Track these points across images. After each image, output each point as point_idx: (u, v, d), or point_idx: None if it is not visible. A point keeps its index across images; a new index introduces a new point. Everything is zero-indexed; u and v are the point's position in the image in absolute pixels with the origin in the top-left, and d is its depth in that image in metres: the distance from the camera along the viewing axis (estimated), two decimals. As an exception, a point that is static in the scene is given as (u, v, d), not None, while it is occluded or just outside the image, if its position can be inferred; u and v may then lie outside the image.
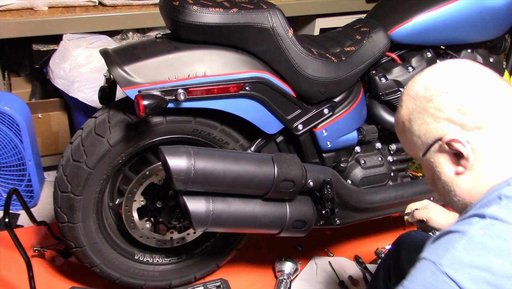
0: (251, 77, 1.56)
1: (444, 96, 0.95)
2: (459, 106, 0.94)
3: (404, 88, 1.06)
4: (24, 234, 2.07)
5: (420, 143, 1.01)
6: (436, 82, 0.98)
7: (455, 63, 1.00)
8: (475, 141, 0.94)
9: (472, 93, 0.94)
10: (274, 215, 1.62)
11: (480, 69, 0.98)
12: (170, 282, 1.85)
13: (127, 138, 1.56)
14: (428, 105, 0.98)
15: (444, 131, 0.96)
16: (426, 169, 1.05)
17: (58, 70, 2.17)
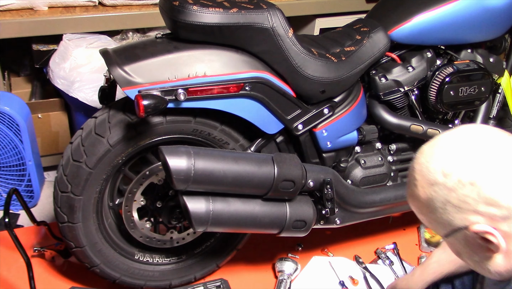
0: (251, 77, 1.56)
1: (468, 187, 0.87)
2: (487, 198, 0.86)
3: (415, 165, 0.95)
4: (24, 234, 2.07)
5: (442, 227, 0.94)
6: (457, 169, 0.88)
7: (475, 139, 0.89)
8: (505, 227, 0.87)
9: (500, 182, 0.85)
10: (274, 215, 1.62)
11: (502, 144, 0.87)
12: (170, 282, 1.85)
13: (127, 138, 1.56)
14: (451, 197, 0.89)
15: (470, 221, 0.89)
16: (451, 246, 0.98)
17: (58, 70, 2.17)
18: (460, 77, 1.87)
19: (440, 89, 1.86)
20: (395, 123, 1.86)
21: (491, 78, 1.95)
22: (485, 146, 0.88)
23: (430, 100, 1.90)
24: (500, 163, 0.86)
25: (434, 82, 1.88)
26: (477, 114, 2.06)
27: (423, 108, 1.95)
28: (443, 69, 1.88)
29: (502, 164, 0.86)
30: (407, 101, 1.89)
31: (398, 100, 1.86)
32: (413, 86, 1.88)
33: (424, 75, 1.88)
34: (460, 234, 0.92)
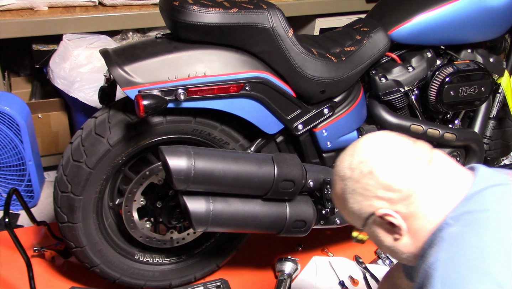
0: (251, 77, 1.56)
1: (368, 177, 1.04)
2: (383, 184, 1.03)
3: (334, 167, 1.14)
4: (24, 234, 2.07)
5: (357, 218, 1.10)
6: (359, 164, 1.06)
7: (373, 140, 1.09)
8: (404, 209, 1.03)
9: (391, 170, 1.03)
10: (274, 215, 1.62)
11: (394, 142, 1.07)
12: (170, 282, 1.85)
13: (127, 138, 1.56)
14: (356, 186, 1.06)
15: (375, 207, 1.05)
16: (370, 236, 1.14)
17: (58, 70, 2.17)
18: (460, 77, 1.87)
19: (440, 89, 1.86)
20: (395, 123, 1.86)
21: (491, 78, 1.95)
22: (378, 143, 1.08)
23: (430, 100, 1.90)
24: (390, 155, 1.05)
25: (434, 82, 1.88)
26: (477, 114, 2.06)
27: (423, 108, 1.95)
28: (443, 69, 1.88)
29: (391, 156, 1.04)
30: (407, 101, 1.89)
31: (398, 100, 1.86)
32: (413, 86, 1.88)
33: (424, 75, 1.88)
34: (371, 222, 1.08)
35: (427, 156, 1.05)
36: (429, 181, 1.03)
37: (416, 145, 1.07)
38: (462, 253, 0.94)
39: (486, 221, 0.96)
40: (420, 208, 1.03)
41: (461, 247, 0.94)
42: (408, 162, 1.03)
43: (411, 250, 1.07)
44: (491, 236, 0.94)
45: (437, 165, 1.05)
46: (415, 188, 1.02)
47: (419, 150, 1.06)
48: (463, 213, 0.99)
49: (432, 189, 1.03)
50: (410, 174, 1.03)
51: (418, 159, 1.04)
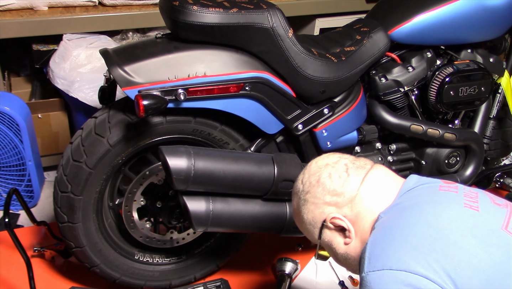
0: (251, 77, 1.56)
1: (316, 186, 1.18)
2: (328, 189, 1.16)
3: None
4: (24, 234, 2.07)
5: (313, 228, 1.21)
6: (309, 177, 1.20)
7: (320, 158, 1.24)
8: (349, 212, 1.15)
9: (334, 177, 1.17)
10: (274, 215, 1.62)
11: (338, 157, 1.22)
12: (170, 282, 1.85)
13: (127, 138, 1.56)
14: (308, 196, 1.19)
15: (325, 213, 1.17)
16: (327, 248, 1.24)
17: (58, 70, 2.17)
18: (460, 77, 1.87)
19: (440, 89, 1.86)
20: (395, 123, 1.86)
21: (491, 78, 1.95)
22: (325, 160, 1.22)
23: (430, 100, 1.90)
24: (334, 166, 1.19)
25: (434, 82, 1.88)
26: (477, 114, 2.05)
27: (423, 108, 1.95)
28: (443, 69, 1.88)
29: (335, 167, 1.19)
30: (407, 101, 1.89)
31: (398, 100, 1.86)
32: (413, 86, 1.88)
33: (424, 75, 1.88)
34: (325, 231, 1.19)
35: (367, 166, 1.19)
36: (367, 184, 1.15)
37: (357, 158, 1.22)
38: (384, 231, 1.06)
39: (407, 205, 1.10)
40: (362, 207, 1.15)
41: (385, 227, 1.07)
42: (349, 170, 1.17)
43: (359, 252, 1.15)
44: (411, 213, 1.06)
45: (375, 173, 1.18)
46: (356, 190, 1.15)
47: (360, 162, 1.20)
48: (392, 207, 1.12)
49: (370, 191, 1.15)
50: (351, 179, 1.16)
51: (358, 167, 1.18)
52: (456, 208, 1.07)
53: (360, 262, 1.07)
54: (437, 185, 1.16)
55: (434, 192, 1.13)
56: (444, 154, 1.98)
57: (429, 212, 1.06)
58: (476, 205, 1.08)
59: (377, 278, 1.00)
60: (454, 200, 1.10)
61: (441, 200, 1.09)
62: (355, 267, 1.19)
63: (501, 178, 2.18)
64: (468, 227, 1.03)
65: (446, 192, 1.13)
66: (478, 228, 1.03)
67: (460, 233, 1.01)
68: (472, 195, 1.12)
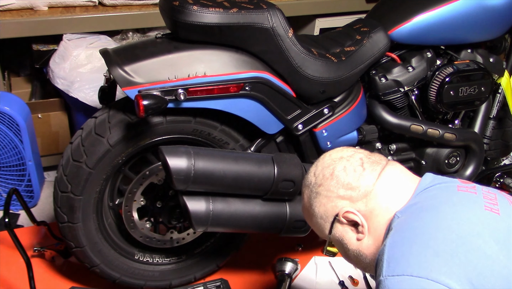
0: (251, 77, 1.56)
1: (330, 178, 1.14)
2: (343, 183, 1.13)
3: (302, 181, 1.24)
4: (24, 234, 2.07)
5: (323, 223, 1.17)
6: (322, 170, 1.17)
7: (334, 151, 1.21)
8: (364, 207, 1.12)
9: (349, 170, 1.13)
10: (274, 215, 1.62)
11: (352, 151, 1.19)
12: (170, 282, 1.85)
13: (127, 138, 1.56)
14: (320, 189, 1.15)
15: (338, 206, 1.14)
16: (337, 244, 1.21)
17: (58, 70, 2.17)
18: (460, 77, 1.87)
19: (440, 89, 1.86)
20: (395, 123, 1.86)
21: (491, 78, 1.95)
22: (339, 153, 1.19)
23: (430, 100, 1.90)
24: (349, 159, 1.16)
25: (434, 82, 1.88)
26: (477, 114, 2.05)
27: (423, 108, 1.95)
28: (443, 69, 1.88)
29: (350, 160, 1.15)
30: (407, 101, 1.89)
31: (398, 100, 1.86)
32: (413, 86, 1.88)
33: (424, 75, 1.88)
34: (336, 226, 1.15)
35: (382, 161, 1.16)
36: (383, 180, 1.12)
37: (372, 154, 1.19)
38: (404, 234, 1.01)
39: (426, 206, 1.05)
40: (378, 204, 1.11)
41: (404, 229, 1.03)
42: (365, 164, 1.14)
43: (373, 251, 1.13)
44: (431, 216, 1.02)
45: (391, 169, 1.15)
46: (371, 185, 1.12)
47: (375, 157, 1.17)
48: (409, 206, 1.08)
49: (386, 188, 1.12)
50: (366, 173, 1.13)
51: (373, 162, 1.15)
52: (477, 211, 1.03)
53: (378, 264, 1.03)
54: (455, 185, 1.12)
55: (453, 193, 1.09)
56: (444, 154, 1.98)
57: (450, 214, 1.02)
58: (497, 208, 1.04)
59: (396, 283, 0.96)
60: (474, 202, 1.06)
61: (461, 202, 1.06)
62: (365, 265, 1.17)
63: (501, 178, 2.18)
64: (490, 231, 0.99)
65: (465, 192, 1.09)
66: (500, 232, 0.99)
67: (483, 238, 0.97)
68: (491, 196, 1.08)
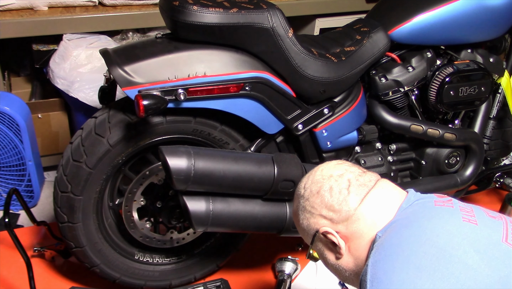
0: (251, 77, 1.56)
1: (315, 196, 1.15)
2: (326, 204, 1.13)
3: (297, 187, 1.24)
4: (24, 234, 2.07)
5: (306, 234, 1.20)
6: (311, 184, 1.17)
7: (327, 166, 1.20)
8: (344, 229, 1.12)
9: (334, 193, 1.13)
10: (274, 215, 1.62)
11: (345, 169, 1.17)
12: (170, 282, 1.85)
13: (127, 138, 1.56)
14: (306, 204, 1.17)
15: (319, 224, 1.15)
16: (318, 254, 1.23)
17: (58, 70, 2.17)
18: (460, 77, 1.87)
19: (440, 89, 1.86)
20: (395, 123, 1.86)
21: (491, 78, 1.95)
22: (331, 169, 1.18)
23: (430, 100, 1.90)
24: (337, 180, 1.15)
25: (434, 82, 1.88)
26: (477, 114, 2.05)
27: (423, 108, 1.95)
28: (443, 69, 1.88)
29: (338, 181, 1.15)
30: (407, 101, 1.89)
31: (398, 100, 1.86)
32: (413, 86, 1.88)
33: (424, 75, 1.88)
34: (316, 239, 1.17)
35: (371, 182, 1.15)
36: (366, 205, 1.12)
37: (364, 174, 1.17)
38: (385, 252, 1.02)
39: (405, 223, 1.06)
40: (358, 227, 1.11)
41: (385, 247, 1.03)
42: (351, 187, 1.13)
43: (352, 268, 1.15)
44: (410, 231, 1.03)
45: (376, 192, 1.13)
46: (353, 210, 1.11)
47: (365, 177, 1.16)
48: (389, 225, 1.09)
49: (368, 212, 1.11)
50: (350, 198, 1.12)
51: (360, 185, 1.14)
52: (455, 223, 1.04)
53: (361, 285, 1.03)
54: (432, 200, 1.13)
55: (430, 208, 1.10)
56: (444, 154, 1.98)
57: (428, 228, 1.03)
58: (474, 219, 1.06)
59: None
60: (452, 214, 1.07)
61: (438, 215, 1.07)
62: (344, 278, 1.19)
63: (501, 178, 2.18)
64: (469, 241, 1.00)
65: (441, 206, 1.10)
66: (480, 242, 1.00)
67: (463, 249, 0.98)
68: (468, 208, 1.10)
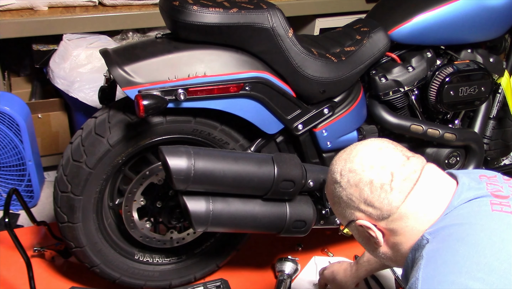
0: (251, 77, 1.56)
1: (354, 188, 1.08)
2: (365, 199, 1.07)
3: (331, 164, 1.16)
4: (24, 234, 2.07)
5: (342, 218, 1.16)
6: (348, 172, 1.09)
7: (367, 151, 1.09)
8: (384, 225, 1.07)
9: (375, 188, 1.05)
10: (274, 215, 1.62)
11: (387, 157, 1.07)
12: (170, 282, 1.85)
13: (127, 138, 1.56)
14: (343, 194, 1.10)
15: (356, 216, 1.10)
16: (354, 235, 1.19)
17: (58, 70, 2.17)
18: (460, 77, 1.87)
19: (440, 89, 1.86)
20: (395, 123, 1.86)
21: (491, 78, 1.95)
22: (371, 156, 1.08)
23: (430, 100, 1.90)
24: (378, 171, 1.05)
25: (434, 82, 1.88)
26: (477, 114, 2.06)
27: (423, 108, 1.95)
28: (443, 69, 1.88)
29: (379, 173, 1.05)
30: (407, 101, 1.89)
31: (398, 100, 1.86)
32: (413, 86, 1.88)
33: (424, 75, 1.88)
34: (352, 226, 1.13)
35: (415, 174, 1.06)
36: (411, 201, 1.05)
37: (408, 162, 1.07)
38: (438, 269, 0.95)
39: (461, 235, 0.98)
40: (400, 226, 1.06)
41: (438, 263, 0.96)
42: (393, 182, 1.05)
43: (390, 256, 1.13)
44: (467, 249, 0.95)
45: (422, 183, 1.06)
46: (395, 208, 1.05)
47: (409, 167, 1.06)
48: (440, 228, 1.01)
49: (413, 209, 1.05)
50: (393, 195, 1.04)
51: (404, 179, 1.05)
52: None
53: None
54: (487, 202, 1.03)
55: (487, 215, 1.00)
56: (444, 154, 1.98)
57: (487, 248, 0.94)
58: None
59: None
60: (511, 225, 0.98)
61: (498, 229, 0.97)
62: (377, 256, 1.16)
63: (501, 178, 2.18)
64: None
65: (499, 212, 1.00)
66: None
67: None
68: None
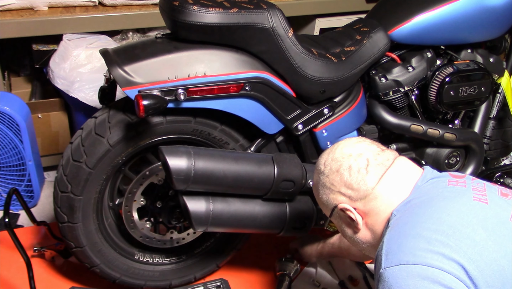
0: (251, 77, 1.56)
1: (335, 174, 1.22)
2: (345, 182, 1.21)
3: (317, 161, 1.30)
4: (24, 234, 2.07)
5: (325, 207, 1.28)
6: (331, 161, 1.24)
7: (347, 144, 1.25)
8: (362, 206, 1.20)
9: (353, 172, 1.20)
10: (274, 215, 1.62)
11: (363, 148, 1.23)
12: (170, 282, 1.85)
13: (127, 138, 1.56)
14: (326, 181, 1.24)
15: (338, 201, 1.23)
16: (336, 226, 1.32)
17: (58, 70, 2.17)
18: (460, 77, 1.87)
19: (440, 89, 1.86)
20: (395, 123, 1.86)
21: (491, 78, 1.95)
22: (350, 147, 1.24)
23: (430, 100, 1.90)
24: (356, 158, 1.21)
25: (434, 82, 1.88)
26: (477, 114, 2.06)
27: (423, 108, 1.95)
28: (443, 69, 1.88)
29: (356, 159, 1.21)
30: (407, 101, 1.89)
31: (398, 100, 1.86)
32: (413, 86, 1.88)
33: (424, 75, 1.88)
34: (335, 213, 1.25)
35: (388, 162, 1.21)
36: (383, 183, 1.19)
37: (382, 152, 1.23)
38: (399, 229, 1.10)
39: (420, 203, 1.14)
40: (375, 205, 1.19)
41: (399, 225, 1.11)
42: (369, 166, 1.20)
43: (369, 241, 1.24)
44: (423, 210, 1.11)
45: (393, 170, 1.20)
46: (370, 189, 1.19)
47: (383, 156, 1.22)
48: (405, 204, 1.16)
49: (385, 190, 1.19)
50: (369, 177, 1.19)
51: (378, 164, 1.20)
52: (465, 203, 1.12)
53: (377, 259, 1.11)
54: (445, 180, 1.20)
55: (444, 187, 1.17)
56: (444, 154, 1.98)
57: (440, 208, 1.10)
58: (485, 198, 1.13)
59: (394, 273, 1.04)
60: (463, 194, 1.14)
61: (450, 195, 1.14)
62: (361, 248, 1.28)
63: (501, 178, 2.18)
64: (478, 220, 1.07)
65: (454, 186, 1.17)
66: (488, 221, 1.08)
67: (471, 227, 1.06)
68: (480, 187, 1.17)
